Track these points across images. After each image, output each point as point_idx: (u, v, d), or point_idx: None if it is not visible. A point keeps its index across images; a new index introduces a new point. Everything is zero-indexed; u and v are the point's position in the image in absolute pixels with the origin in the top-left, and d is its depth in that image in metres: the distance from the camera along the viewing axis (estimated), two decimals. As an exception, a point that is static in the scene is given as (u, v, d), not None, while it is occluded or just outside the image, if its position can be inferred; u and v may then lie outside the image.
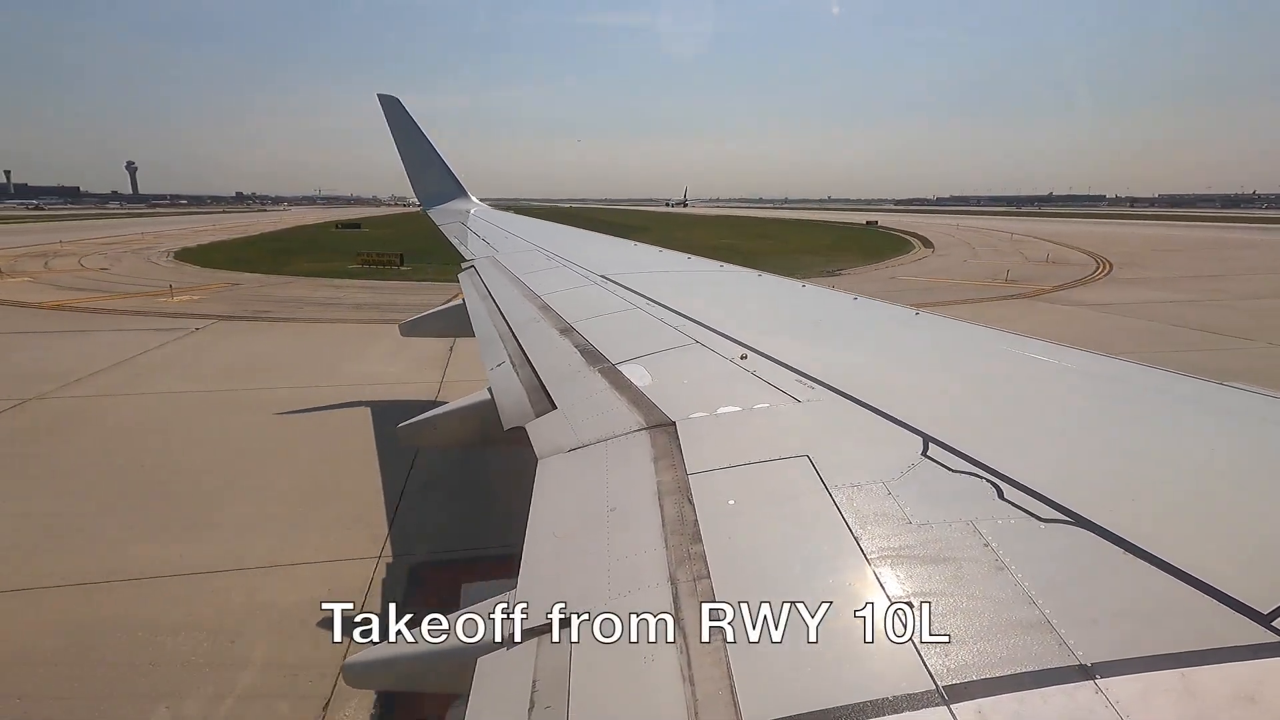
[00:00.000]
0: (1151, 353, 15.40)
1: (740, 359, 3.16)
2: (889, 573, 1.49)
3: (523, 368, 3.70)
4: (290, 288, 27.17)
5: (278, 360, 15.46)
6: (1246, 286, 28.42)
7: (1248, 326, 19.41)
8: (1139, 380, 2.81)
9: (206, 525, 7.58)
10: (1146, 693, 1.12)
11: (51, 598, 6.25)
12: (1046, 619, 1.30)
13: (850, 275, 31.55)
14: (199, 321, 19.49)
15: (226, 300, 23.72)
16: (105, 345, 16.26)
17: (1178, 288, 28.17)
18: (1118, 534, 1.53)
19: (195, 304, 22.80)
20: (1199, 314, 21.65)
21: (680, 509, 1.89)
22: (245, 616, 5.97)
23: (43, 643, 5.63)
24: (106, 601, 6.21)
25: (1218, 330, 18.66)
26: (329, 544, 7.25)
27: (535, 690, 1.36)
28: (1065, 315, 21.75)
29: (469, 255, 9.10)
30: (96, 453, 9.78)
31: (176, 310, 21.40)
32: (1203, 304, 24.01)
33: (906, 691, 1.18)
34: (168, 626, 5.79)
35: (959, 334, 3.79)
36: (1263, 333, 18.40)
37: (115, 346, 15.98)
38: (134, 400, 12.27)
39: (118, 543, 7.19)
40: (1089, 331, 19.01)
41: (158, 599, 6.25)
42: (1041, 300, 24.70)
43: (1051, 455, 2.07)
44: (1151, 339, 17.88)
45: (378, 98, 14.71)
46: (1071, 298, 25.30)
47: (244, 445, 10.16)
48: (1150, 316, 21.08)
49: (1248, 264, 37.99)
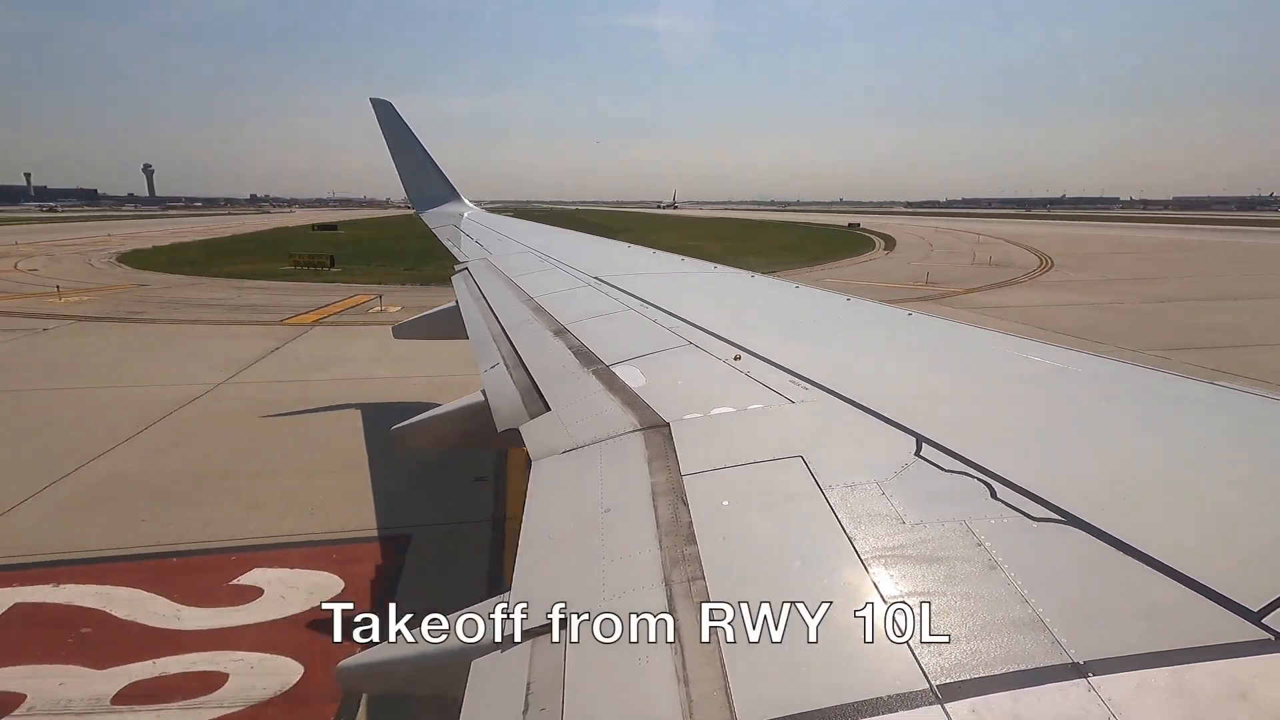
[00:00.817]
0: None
1: (734, 360, 3.16)
2: (883, 573, 1.49)
3: (516, 369, 3.69)
4: (194, 289, 27.60)
5: (82, 362, 15.80)
6: (1165, 290, 29.21)
7: (1120, 330, 19.85)
8: (1130, 380, 2.83)
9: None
10: (1139, 690, 1.12)
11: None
12: (1039, 618, 1.30)
13: (779, 277, 31.64)
14: (58, 322, 19.96)
15: (111, 301, 24.12)
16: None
17: (1095, 290, 28.78)
18: (1110, 533, 1.53)
19: (77, 305, 23.16)
20: (1087, 317, 22.16)
21: (675, 510, 1.89)
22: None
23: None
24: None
25: (1085, 334, 18.89)
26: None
27: (530, 692, 1.36)
28: (945, 316, 22.42)
29: (462, 258, 9.09)
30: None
31: (50, 311, 21.74)
32: (1102, 307, 24.59)
33: (901, 691, 1.18)
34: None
35: (952, 334, 3.81)
36: (1129, 336, 18.81)
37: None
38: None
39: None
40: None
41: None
42: (945, 302, 25.39)
43: (1044, 455, 2.08)
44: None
45: (370, 102, 14.66)
46: (976, 300, 25.91)
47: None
48: (1029, 319, 21.47)
49: (1190, 267, 38.82)
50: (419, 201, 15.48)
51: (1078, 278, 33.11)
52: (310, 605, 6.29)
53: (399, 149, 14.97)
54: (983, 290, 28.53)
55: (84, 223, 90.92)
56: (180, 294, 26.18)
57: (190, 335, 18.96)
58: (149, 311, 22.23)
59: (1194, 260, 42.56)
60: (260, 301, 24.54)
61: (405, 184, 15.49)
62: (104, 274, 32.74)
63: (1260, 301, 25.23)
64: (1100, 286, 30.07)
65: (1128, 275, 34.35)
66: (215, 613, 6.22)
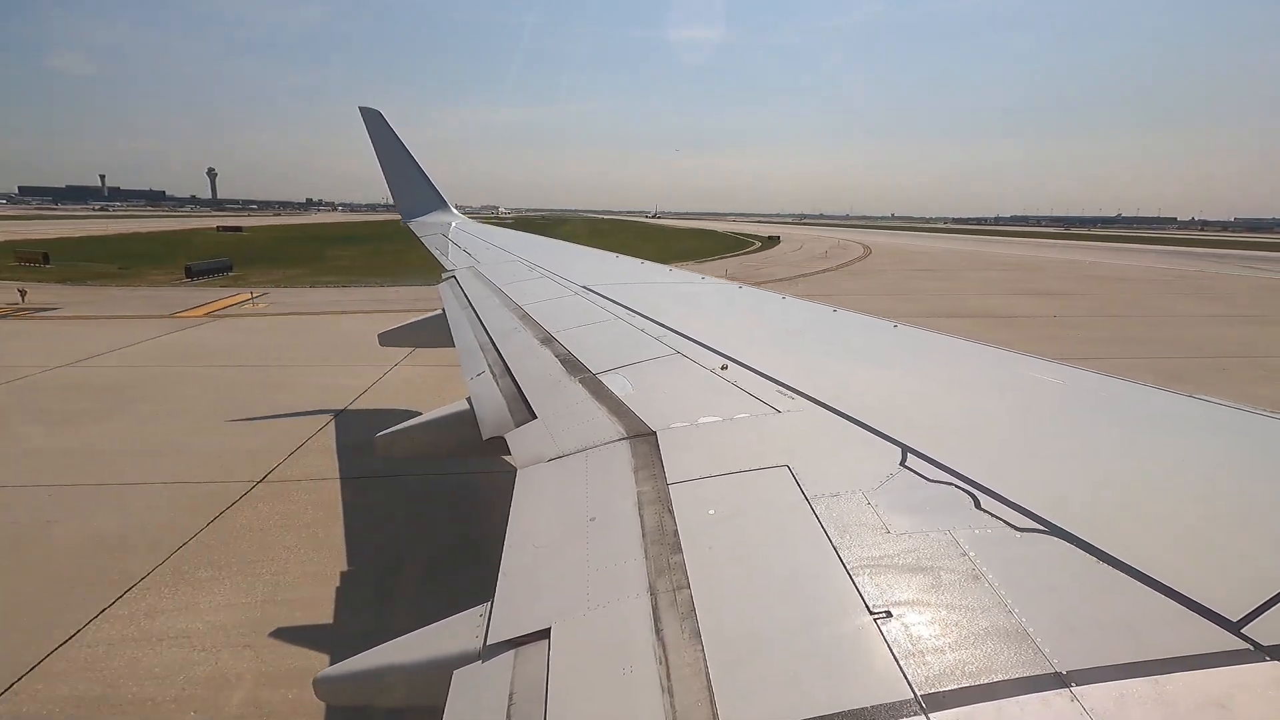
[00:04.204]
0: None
1: (721, 369, 3.17)
2: (868, 582, 1.49)
3: (503, 377, 3.67)
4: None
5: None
6: (886, 282, 33.81)
7: (795, 291, 21.51)
8: (1113, 393, 2.86)
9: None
10: (1121, 700, 1.13)
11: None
12: (1023, 627, 1.31)
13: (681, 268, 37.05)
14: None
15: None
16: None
17: (852, 282, 33.48)
18: (1092, 543, 1.55)
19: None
20: (807, 292, 23.92)
21: (660, 519, 1.88)
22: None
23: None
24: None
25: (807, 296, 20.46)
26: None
27: (512, 703, 1.34)
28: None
29: (449, 266, 9.05)
30: None
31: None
32: (824, 295, 26.69)
33: (885, 701, 1.18)
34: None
35: (937, 346, 3.84)
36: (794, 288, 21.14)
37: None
38: None
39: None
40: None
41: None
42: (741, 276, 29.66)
43: (1027, 466, 2.09)
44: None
45: (359, 110, 14.63)
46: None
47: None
48: (790, 291, 23.54)
49: (974, 280, 39.03)
50: (407, 210, 15.44)
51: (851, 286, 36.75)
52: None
53: (387, 157, 14.94)
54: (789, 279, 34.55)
55: (80, 220, 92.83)
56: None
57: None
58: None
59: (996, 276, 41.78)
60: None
61: (393, 192, 15.45)
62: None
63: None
64: (857, 280, 35.53)
65: (897, 278, 38.50)
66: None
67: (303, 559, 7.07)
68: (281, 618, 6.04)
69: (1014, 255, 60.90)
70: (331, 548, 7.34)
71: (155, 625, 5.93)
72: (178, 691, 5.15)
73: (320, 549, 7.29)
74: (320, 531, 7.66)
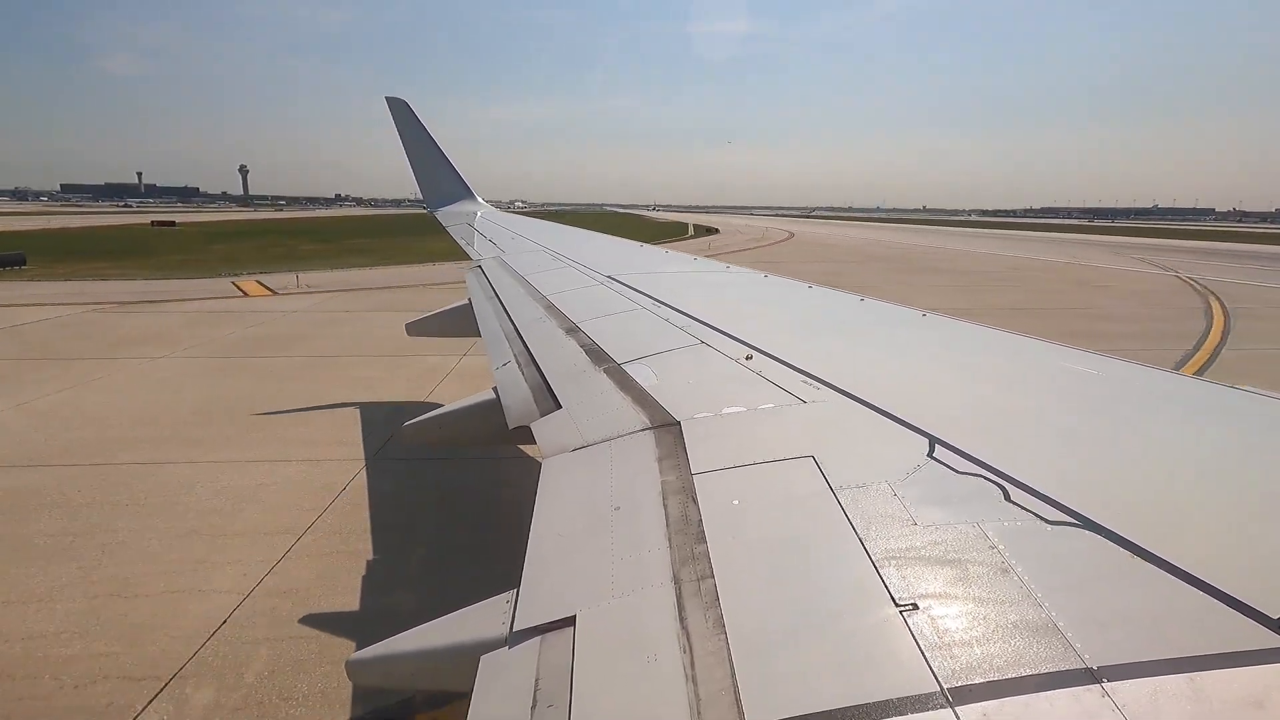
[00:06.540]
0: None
1: (745, 359, 3.15)
2: (894, 574, 1.48)
3: (528, 367, 3.70)
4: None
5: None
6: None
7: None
8: (1148, 383, 2.79)
9: None
10: (1154, 696, 1.11)
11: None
12: (1053, 622, 1.29)
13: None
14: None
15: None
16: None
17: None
18: (1125, 537, 1.51)
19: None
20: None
21: (684, 509, 1.89)
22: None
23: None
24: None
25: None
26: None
27: (538, 689, 1.36)
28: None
29: (475, 256, 9.12)
30: None
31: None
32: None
33: (911, 693, 1.17)
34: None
35: (965, 335, 3.77)
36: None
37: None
38: None
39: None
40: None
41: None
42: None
43: (1059, 457, 2.05)
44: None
45: (386, 100, 14.73)
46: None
47: None
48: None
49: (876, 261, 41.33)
50: (433, 200, 15.56)
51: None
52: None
53: (414, 147, 15.05)
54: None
55: (85, 216, 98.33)
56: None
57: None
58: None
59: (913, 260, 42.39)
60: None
61: (420, 182, 15.57)
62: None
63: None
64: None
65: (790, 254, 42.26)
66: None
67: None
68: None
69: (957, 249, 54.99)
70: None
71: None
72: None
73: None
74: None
